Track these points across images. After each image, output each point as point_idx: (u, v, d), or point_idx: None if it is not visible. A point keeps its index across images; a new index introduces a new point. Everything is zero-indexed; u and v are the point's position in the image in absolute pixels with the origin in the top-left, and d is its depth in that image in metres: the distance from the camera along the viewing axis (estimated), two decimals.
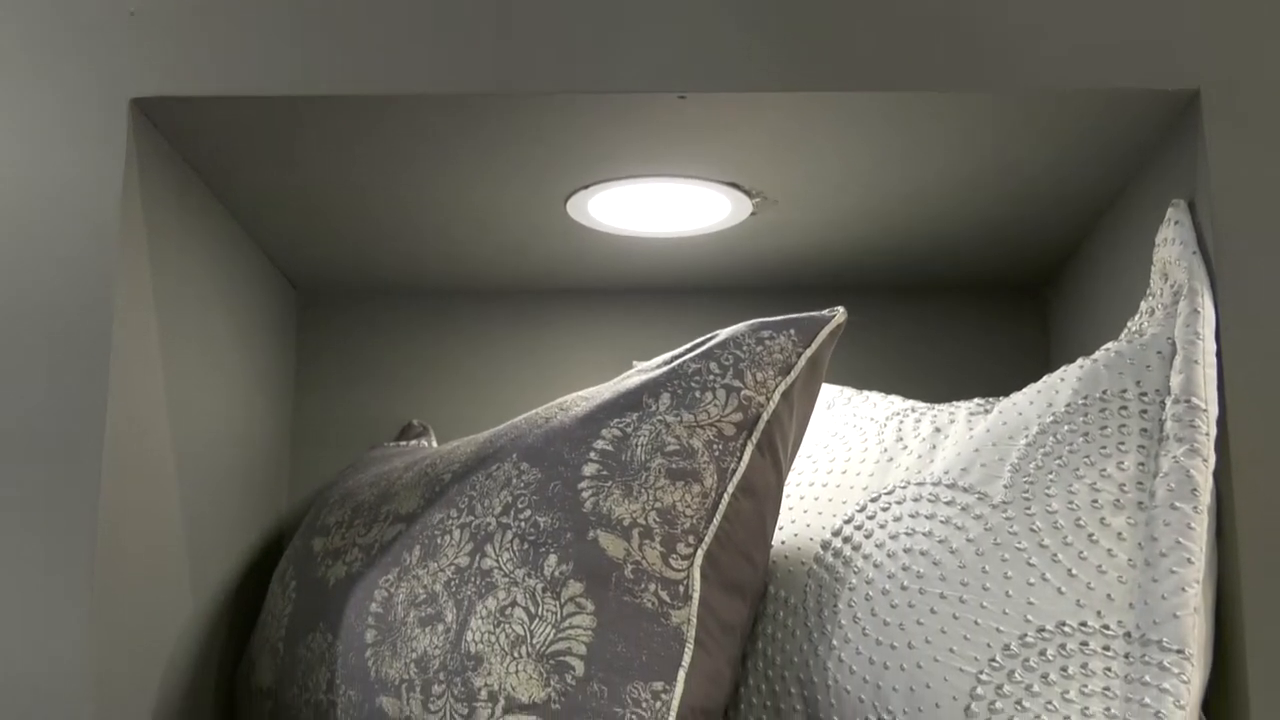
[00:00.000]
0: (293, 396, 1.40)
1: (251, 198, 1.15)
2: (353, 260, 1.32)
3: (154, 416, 1.00)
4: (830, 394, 1.16)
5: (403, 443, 1.32)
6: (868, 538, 0.95)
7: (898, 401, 1.09)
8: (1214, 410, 0.88)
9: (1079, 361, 0.94)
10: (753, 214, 1.20)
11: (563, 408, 0.98)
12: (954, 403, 1.04)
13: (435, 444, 1.34)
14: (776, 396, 0.92)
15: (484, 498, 0.95)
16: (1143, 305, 0.97)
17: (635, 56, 0.96)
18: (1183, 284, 0.92)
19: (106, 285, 0.93)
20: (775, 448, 0.93)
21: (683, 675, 0.87)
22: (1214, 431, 0.87)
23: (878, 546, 0.94)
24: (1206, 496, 0.86)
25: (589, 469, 0.91)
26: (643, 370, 0.97)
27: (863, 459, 1.02)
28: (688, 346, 0.96)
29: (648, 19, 0.96)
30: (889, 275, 1.37)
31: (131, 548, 0.95)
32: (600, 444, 0.92)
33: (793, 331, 0.93)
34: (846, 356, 1.39)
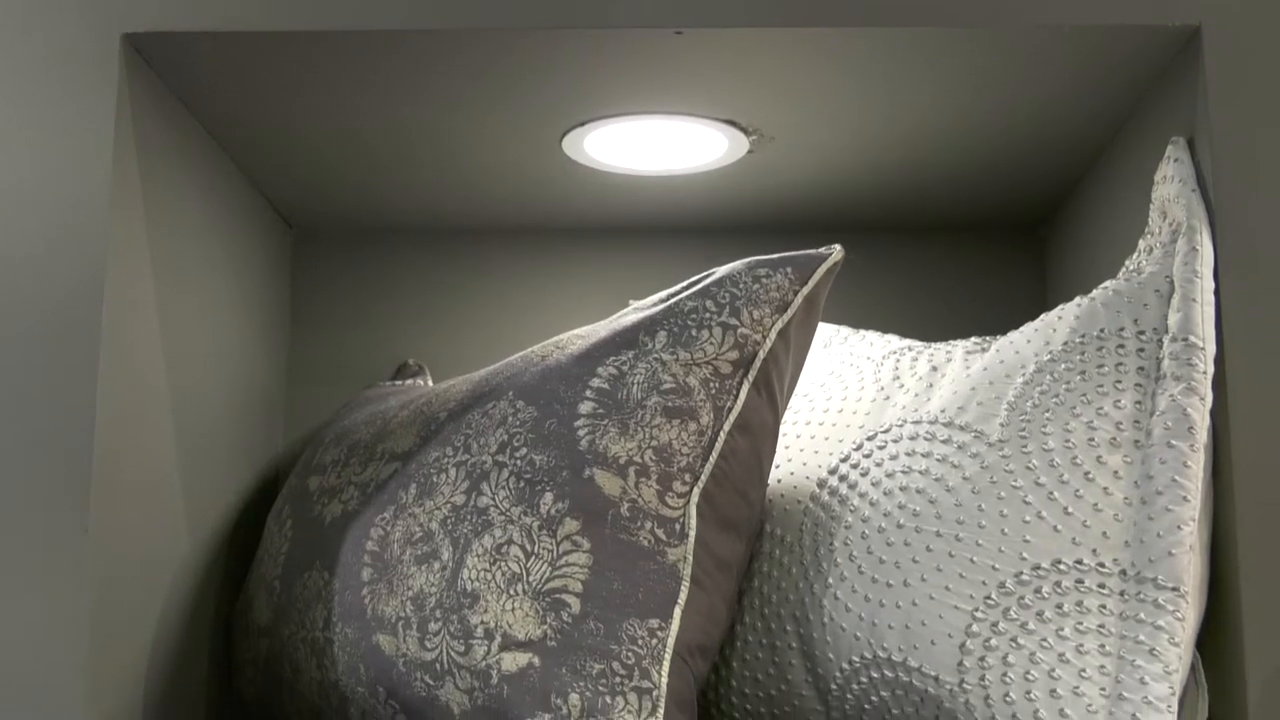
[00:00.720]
0: (288, 336, 1.39)
1: (246, 135, 1.14)
2: (348, 199, 1.32)
3: (148, 356, 0.99)
4: (827, 333, 1.16)
5: (398, 382, 1.32)
6: (864, 476, 0.95)
7: (894, 340, 1.09)
8: (1211, 348, 0.88)
9: (1076, 300, 0.94)
10: (749, 152, 1.20)
11: (559, 346, 0.97)
12: (951, 341, 1.04)
13: (431, 383, 1.34)
14: (773, 334, 0.92)
15: (480, 436, 0.95)
16: (1141, 243, 0.97)
17: None
18: (1181, 222, 0.92)
19: (99, 225, 0.92)
20: (772, 386, 0.93)
21: (679, 613, 0.87)
22: (1211, 370, 0.87)
23: (874, 485, 0.94)
24: (1203, 434, 0.86)
25: (585, 407, 0.91)
26: (639, 308, 0.96)
27: (859, 398, 1.02)
28: (684, 284, 0.95)
29: None
30: (886, 214, 1.36)
31: (127, 487, 0.95)
32: (596, 382, 0.92)
33: (789, 269, 0.93)
34: (843, 296, 1.39)
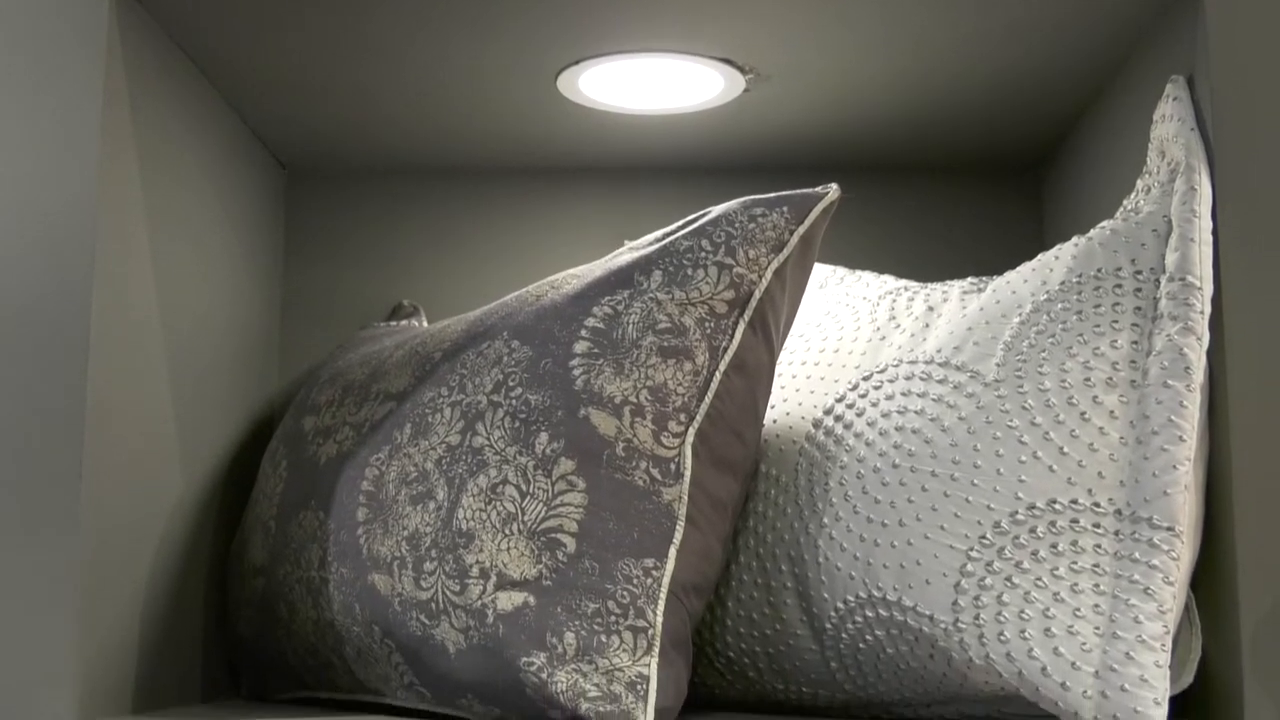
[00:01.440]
0: (282, 277, 1.39)
1: (238, 75, 1.14)
2: (342, 139, 1.31)
3: (141, 297, 0.99)
4: (823, 273, 1.16)
5: (393, 323, 1.32)
6: (859, 416, 0.95)
7: (890, 281, 1.08)
8: (1209, 288, 0.87)
9: (1074, 240, 0.93)
10: (745, 91, 1.19)
11: (554, 285, 0.97)
12: (947, 282, 1.04)
13: (426, 324, 1.34)
14: (769, 274, 0.91)
15: (475, 376, 0.95)
16: (1139, 183, 0.97)
17: None
18: (1180, 161, 0.91)
19: (90, 167, 0.92)
20: (767, 326, 0.92)
21: (674, 552, 0.88)
22: (1208, 309, 0.87)
23: (869, 425, 0.94)
24: (1199, 374, 0.85)
25: (580, 347, 0.91)
26: (634, 248, 0.96)
27: (855, 338, 1.02)
28: (680, 224, 0.95)
29: None
30: (883, 155, 1.36)
31: (121, 428, 0.95)
32: (591, 322, 0.91)
33: (785, 209, 0.92)
34: (839, 237, 1.38)
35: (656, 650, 0.85)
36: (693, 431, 0.89)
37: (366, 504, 0.96)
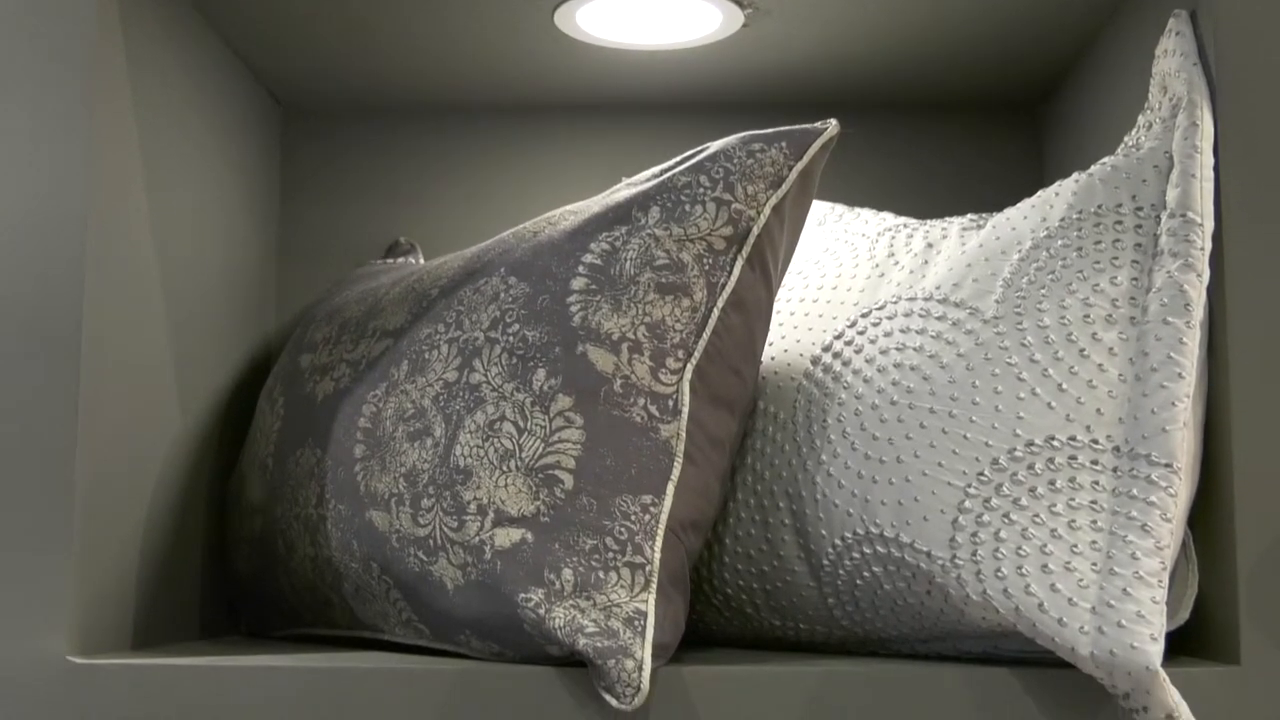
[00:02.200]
0: (278, 214, 1.38)
1: (233, 9, 1.12)
2: (337, 75, 1.30)
3: (136, 235, 0.98)
4: (821, 210, 1.15)
5: (390, 260, 1.31)
6: (858, 353, 0.95)
7: (890, 218, 1.08)
8: (1209, 225, 0.87)
9: (1074, 176, 0.93)
10: (744, 26, 1.18)
11: (550, 222, 0.96)
12: (947, 219, 1.03)
13: (423, 261, 1.33)
14: (767, 210, 0.91)
15: (471, 312, 0.94)
16: (1140, 119, 0.96)
17: None
18: (1182, 97, 0.91)
19: (83, 105, 0.91)
20: (765, 262, 0.92)
21: (671, 489, 0.87)
22: (1209, 246, 0.86)
23: (868, 362, 0.94)
24: (1199, 311, 0.85)
25: (577, 283, 0.90)
26: (632, 184, 0.95)
27: (854, 275, 1.02)
28: (677, 160, 0.94)
29: None
30: (882, 91, 1.35)
31: (117, 367, 0.95)
32: (589, 258, 0.91)
33: (784, 144, 0.92)
34: (838, 174, 1.38)
35: (654, 586, 0.85)
36: (690, 368, 0.89)
37: (364, 441, 0.96)
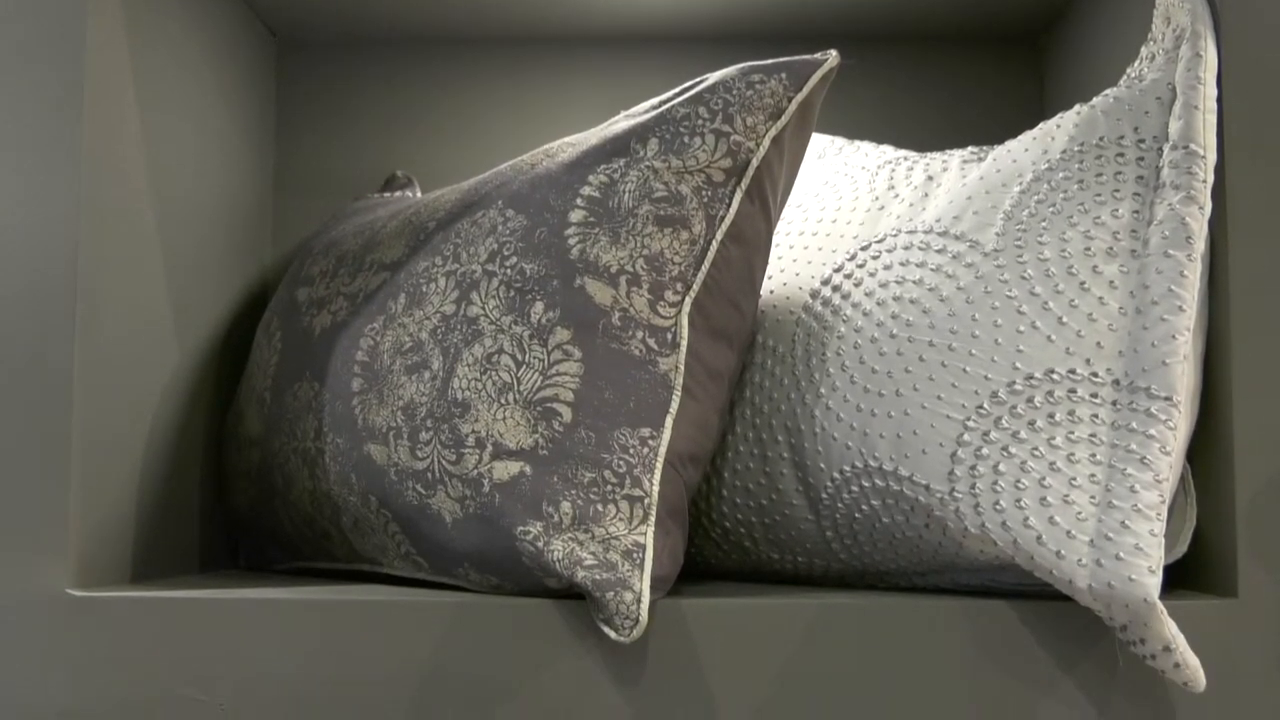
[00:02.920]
0: (274, 148, 1.37)
1: None
2: (333, 7, 1.29)
3: (131, 170, 0.98)
4: (821, 143, 1.14)
5: (386, 194, 1.31)
6: (857, 286, 0.94)
7: (890, 151, 1.07)
8: (1212, 157, 0.86)
9: (1076, 108, 0.92)
10: None
11: (549, 154, 0.96)
12: (947, 151, 1.03)
13: (420, 195, 1.33)
14: (766, 142, 0.90)
15: (469, 245, 0.94)
16: (1143, 50, 0.95)
17: None
18: (1185, 27, 0.90)
19: (76, 35, 0.90)
20: (765, 195, 0.91)
21: (670, 422, 0.87)
22: (1211, 179, 0.86)
23: (867, 295, 0.93)
24: (1200, 244, 0.85)
25: (576, 215, 0.90)
26: (630, 116, 0.95)
27: (853, 208, 1.01)
28: (676, 91, 0.93)
29: None
30: (883, 22, 1.34)
31: (114, 302, 0.94)
32: (587, 190, 0.90)
33: (784, 75, 0.91)
34: (837, 107, 1.37)
35: (653, 519, 0.85)
36: (689, 301, 0.89)
37: (361, 374, 0.96)
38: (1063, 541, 0.80)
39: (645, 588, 0.82)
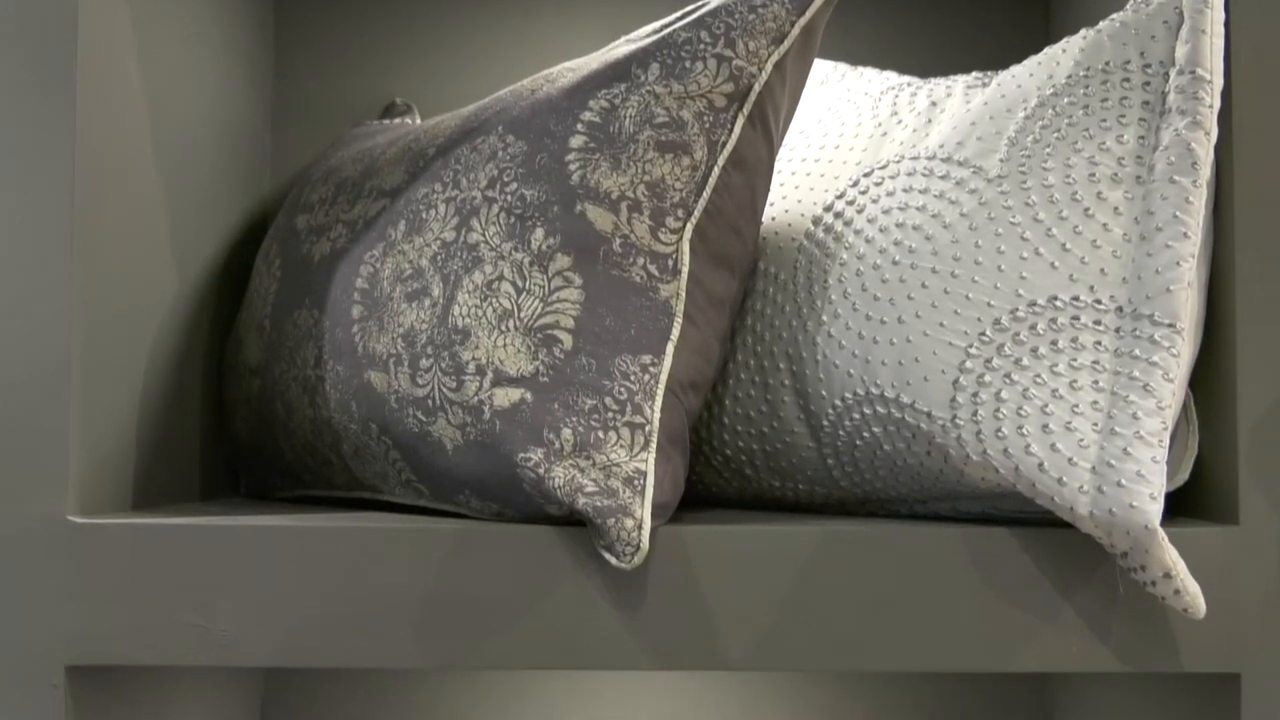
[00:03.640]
0: (272, 75, 1.36)
1: None
2: None
3: (128, 98, 0.97)
4: (823, 69, 1.13)
5: (386, 121, 1.30)
6: (860, 213, 0.94)
7: (893, 76, 1.06)
8: (1219, 82, 0.85)
9: (1081, 32, 0.91)
10: None
11: (549, 79, 0.95)
12: (951, 77, 1.02)
13: (419, 121, 1.32)
14: (769, 67, 0.89)
15: (469, 171, 0.93)
16: None
17: None
18: None
19: None
20: (767, 120, 0.91)
21: (671, 349, 0.87)
22: (1218, 104, 0.85)
23: (869, 222, 0.93)
24: (1206, 170, 0.84)
25: (576, 141, 0.89)
26: (631, 40, 0.94)
27: (856, 134, 1.00)
28: (677, 15, 0.92)
29: None
30: None
31: (112, 229, 0.94)
32: (588, 115, 0.89)
33: None
34: (840, 32, 1.35)
35: (653, 446, 0.85)
36: (690, 227, 0.88)
37: (361, 301, 0.96)
38: (1064, 468, 0.80)
39: (646, 514, 0.82)
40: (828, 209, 0.96)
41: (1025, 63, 0.94)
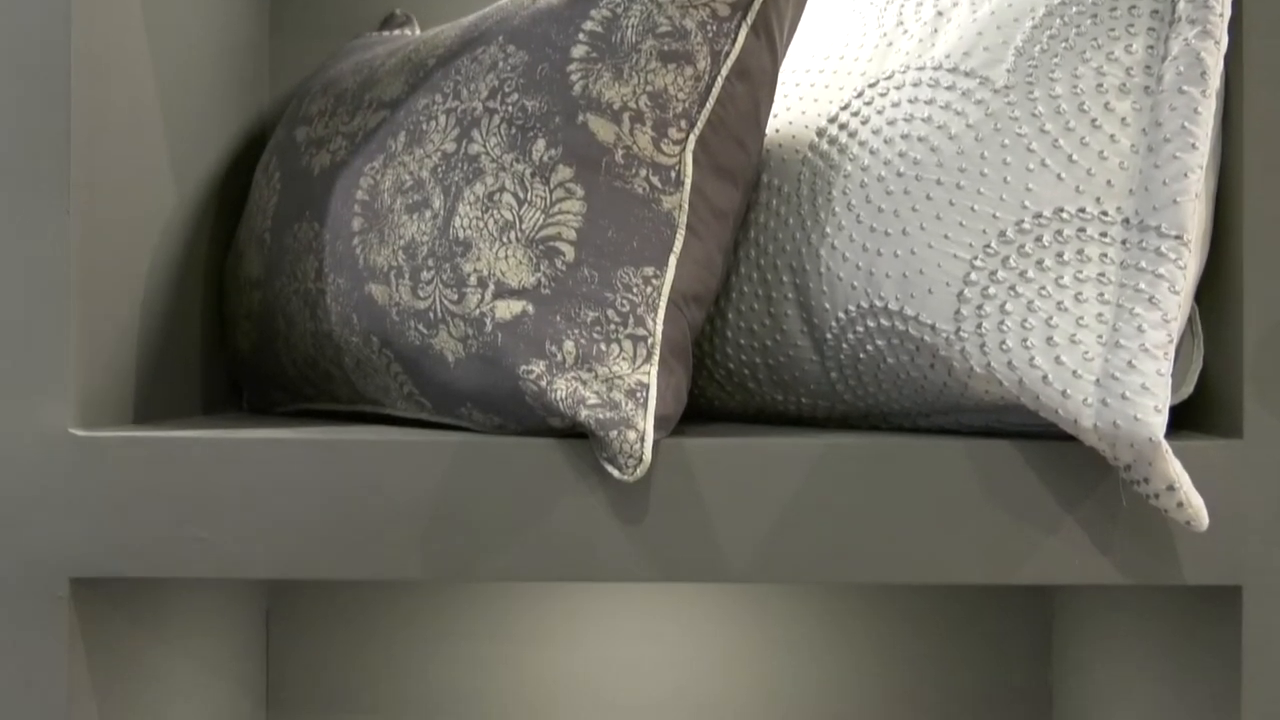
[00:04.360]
0: None
1: None
2: None
3: (125, 9, 0.95)
4: None
5: (385, 32, 1.29)
6: (864, 124, 0.93)
7: None
8: None
9: None
10: None
11: None
12: None
13: (419, 32, 1.30)
14: None
15: (470, 82, 0.92)
16: None
17: None
18: None
19: None
20: (771, 30, 0.89)
21: (673, 261, 0.86)
22: (1228, 13, 0.84)
23: (874, 133, 0.92)
24: (1215, 80, 0.83)
25: (577, 51, 0.88)
26: None
27: (861, 44, 0.99)
28: None
29: None
30: None
31: (107, 143, 0.93)
32: (589, 25, 0.88)
33: None
34: None
35: (656, 359, 0.84)
36: (693, 138, 0.87)
37: (361, 214, 0.95)
38: (1069, 381, 0.79)
39: (649, 427, 0.82)
40: (832, 120, 0.95)
41: None
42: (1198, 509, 0.79)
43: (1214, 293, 0.89)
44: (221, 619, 1.20)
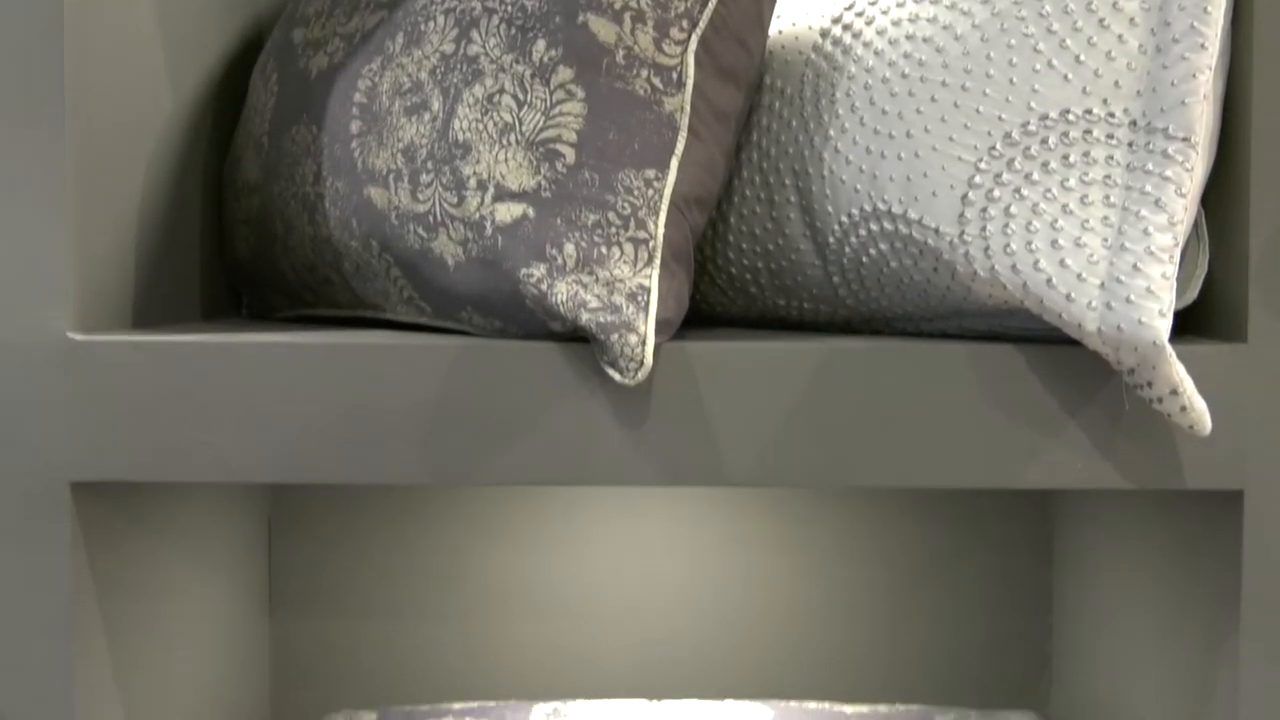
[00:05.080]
0: None
1: None
2: None
3: None
4: None
5: None
6: (869, 25, 0.92)
7: None
8: None
9: None
10: None
11: None
12: None
13: None
14: None
15: None
16: None
17: None
18: None
19: None
20: None
21: (675, 163, 0.86)
22: None
23: (878, 34, 0.91)
24: None
25: None
26: None
27: None
28: None
29: None
30: None
31: (104, 47, 0.92)
32: None
33: None
34: None
35: (657, 262, 0.84)
36: (695, 39, 0.86)
37: (360, 116, 0.94)
38: (1073, 284, 0.79)
39: (650, 330, 0.81)
40: (836, 20, 0.94)
41: None
42: (1201, 413, 0.79)
43: (1221, 196, 0.88)
44: (223, 523, 1.21)
